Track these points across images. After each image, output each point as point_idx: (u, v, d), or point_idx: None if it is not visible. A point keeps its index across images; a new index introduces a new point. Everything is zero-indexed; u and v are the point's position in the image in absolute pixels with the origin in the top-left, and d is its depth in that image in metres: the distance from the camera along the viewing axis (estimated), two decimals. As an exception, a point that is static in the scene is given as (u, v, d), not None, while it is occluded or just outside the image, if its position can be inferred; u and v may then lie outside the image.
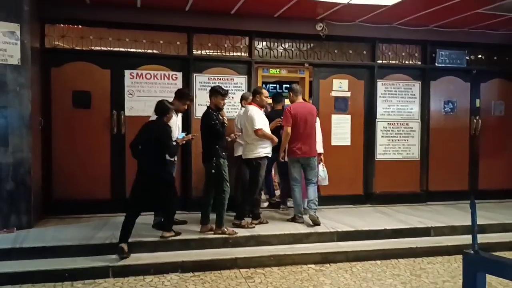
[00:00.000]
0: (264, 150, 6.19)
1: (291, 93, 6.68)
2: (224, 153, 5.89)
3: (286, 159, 6.52)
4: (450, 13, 6.99)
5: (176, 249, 5.47)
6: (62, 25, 6.75)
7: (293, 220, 6.53)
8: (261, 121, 6.14)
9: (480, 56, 8.47)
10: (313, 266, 5.43)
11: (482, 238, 5.35)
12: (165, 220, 5.73)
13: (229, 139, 6.36)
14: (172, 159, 5.95)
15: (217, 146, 5.80)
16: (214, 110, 5.92)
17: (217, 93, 5.91)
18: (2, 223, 5.74)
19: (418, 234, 6.33)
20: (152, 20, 6.90)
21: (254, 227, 6.14)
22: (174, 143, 5.56)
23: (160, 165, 5.44)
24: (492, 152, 8.39)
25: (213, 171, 5.75)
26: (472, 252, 1.82)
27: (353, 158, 7.84)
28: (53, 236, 5.60)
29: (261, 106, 6.31)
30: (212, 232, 5.82)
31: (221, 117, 5.93)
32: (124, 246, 5.14)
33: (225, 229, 5.82)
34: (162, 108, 5.51)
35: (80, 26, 6.83)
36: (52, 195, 6.67)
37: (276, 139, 6.24)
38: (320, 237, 6.02)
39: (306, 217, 6.46)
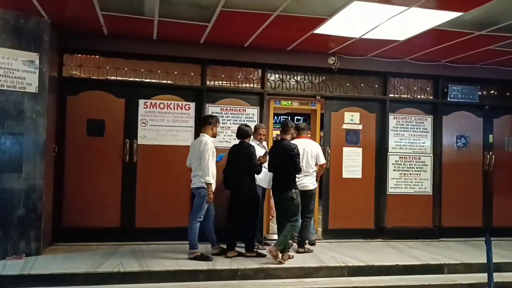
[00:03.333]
0: None
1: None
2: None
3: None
4: (462, 49, 7.04)
5: (184, 280, 5.40)
6: (80, 55, 6.91)
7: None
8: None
9: (492, 91, 8.45)
10: (323, 301, 5.32)
11: (497, 277, 5.20)
12: (245, 239, 6.21)
13: None
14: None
15: (294, 177, 6.11)
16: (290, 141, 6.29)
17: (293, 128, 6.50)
18: (11, 249, 5.73)
19: (431, 271, 6.18)
20: (167, 52, 7.05)
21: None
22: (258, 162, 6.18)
23: (246, 182, 6.12)
24: (506, 188, 8.26)
25: (294, 200, 5.98)
26: (488, 291, 1.77)
27: (364, 191, 7.76)
28: (61, 263, 5.57)
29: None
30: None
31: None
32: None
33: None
34: (242, 132, 6.30)
35: (97, 56, 6.98)
36: (62, 222, 6.67)
37: None
38: (330, 271, 5.91)
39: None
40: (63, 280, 5.14)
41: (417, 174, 7.97)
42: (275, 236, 7.47)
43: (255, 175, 6.25)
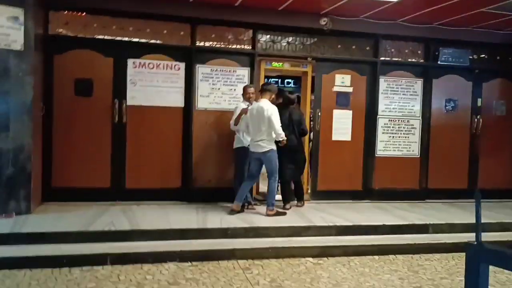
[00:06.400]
0: None
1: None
2: None
3: None
4: (454, 11, 6.97)
5: (175, 239, 5.46)
6: (66, 12, 6.71)
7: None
8: None
9: (483, 55, 8.45)
10: (311, 259, 5.43)
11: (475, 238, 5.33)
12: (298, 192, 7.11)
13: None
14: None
15: None
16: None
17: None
18: (1, 208, 5.74)
19: (417, 230, 6.33)
20: (156, 10, 6.87)
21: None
22: None
23: (300, 142, 7.00)
24: (492, 151, 8.40)
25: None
26: (476, 243, 1.83)
27: (353, 153, 7.84)
28: (52, 222, 5.61)
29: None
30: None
31: None
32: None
33: None
34: (289, 99, 7.02)
35: (84, 14, 6.79)
36: (51, 181, 6.66)
37: None
38: (319, 230, 6.03)
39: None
40: (54, 239, 5.16)
41: (406, 137, 8.04)
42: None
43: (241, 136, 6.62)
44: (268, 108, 6.22)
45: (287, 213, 6.55)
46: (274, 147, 6.36)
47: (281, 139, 6.31)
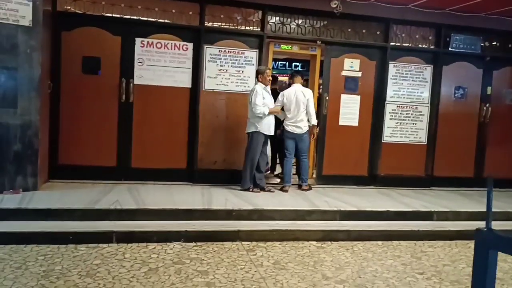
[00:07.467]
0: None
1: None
2: None
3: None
4: (469, -4, 6.86)
5: (180, 219, 5.49)
6: (74, -12, 6.66)
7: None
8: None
9: (494, 43, 8.33)
10: (314, 243, 5.46)
11: (482, 225, 5.33)
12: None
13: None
14: None
15: None
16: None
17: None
18: (8, 184, 5.78)
19: (421, 217, 6.34)
20: (165, -11, 6.81)
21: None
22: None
23: None
24: (500, 140, 8.33)
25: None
26: (486, 229, 1.81)
27: (359, 139, 7.80)
28: (58, 199, 5.65)
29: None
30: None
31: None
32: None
33: None
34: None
35: (92, -9, 6.74)
36: (58, 159, 6.68)
37: None
38: (323, 215, 6.05)
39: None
40: (61, 215, 5.22)
41: (413, 124, 7.98)
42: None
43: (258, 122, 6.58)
44: (306, 92, 6.89)
45: (292, 197, 6.55)
46: (308, 128, 6.94)
47: (312, 124, 6.89)
